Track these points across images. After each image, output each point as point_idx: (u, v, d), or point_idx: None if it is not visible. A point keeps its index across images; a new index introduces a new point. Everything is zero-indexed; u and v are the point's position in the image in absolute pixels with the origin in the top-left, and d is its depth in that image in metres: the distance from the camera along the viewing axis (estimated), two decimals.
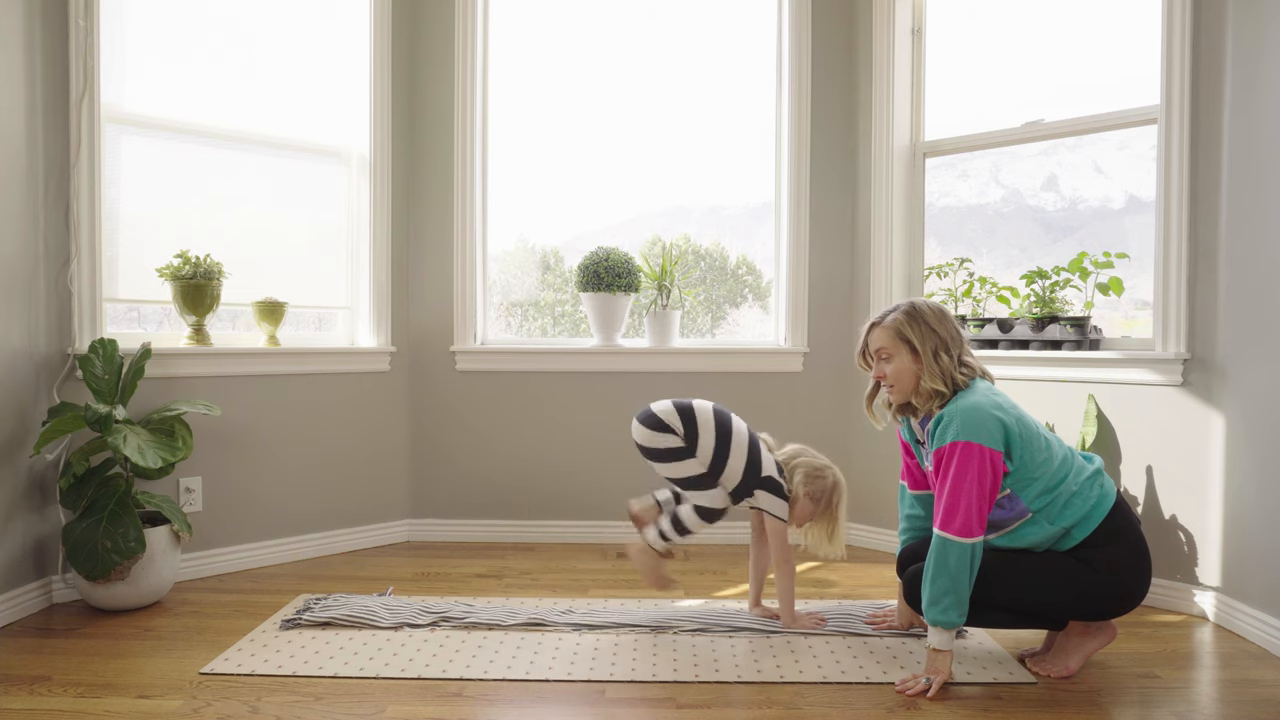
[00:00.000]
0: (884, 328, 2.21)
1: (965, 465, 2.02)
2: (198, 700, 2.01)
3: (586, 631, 2.46)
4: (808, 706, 2.01)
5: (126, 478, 2.68)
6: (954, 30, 3.40)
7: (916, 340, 2.15)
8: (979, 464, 2.01)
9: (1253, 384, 2.47)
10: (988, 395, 2.10)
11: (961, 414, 2.05)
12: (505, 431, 3.57)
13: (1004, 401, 2.12)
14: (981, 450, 2.01)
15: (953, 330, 2.19)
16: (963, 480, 2.01)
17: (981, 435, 2.02)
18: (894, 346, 2.18)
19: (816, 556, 3.00)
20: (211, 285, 2.98)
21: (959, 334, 2.20)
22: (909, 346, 2.16)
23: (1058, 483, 2.09)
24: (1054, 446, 2.13)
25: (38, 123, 2.65)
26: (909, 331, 2.16)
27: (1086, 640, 2.19)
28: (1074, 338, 2.95)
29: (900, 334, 2.17)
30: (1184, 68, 2.65)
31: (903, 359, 2.17)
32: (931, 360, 2.13)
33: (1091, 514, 2.09)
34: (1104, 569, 2.08)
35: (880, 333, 2.21)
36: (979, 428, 2.03)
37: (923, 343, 2.14)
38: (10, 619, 2.52)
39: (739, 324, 3.88)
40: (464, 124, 3.53)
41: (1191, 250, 2.66)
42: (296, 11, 3.32)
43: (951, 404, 2.10)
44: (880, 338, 2.21)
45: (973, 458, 2.01)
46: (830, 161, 3.54)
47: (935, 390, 2.13)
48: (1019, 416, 2.11)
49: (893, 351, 2.18)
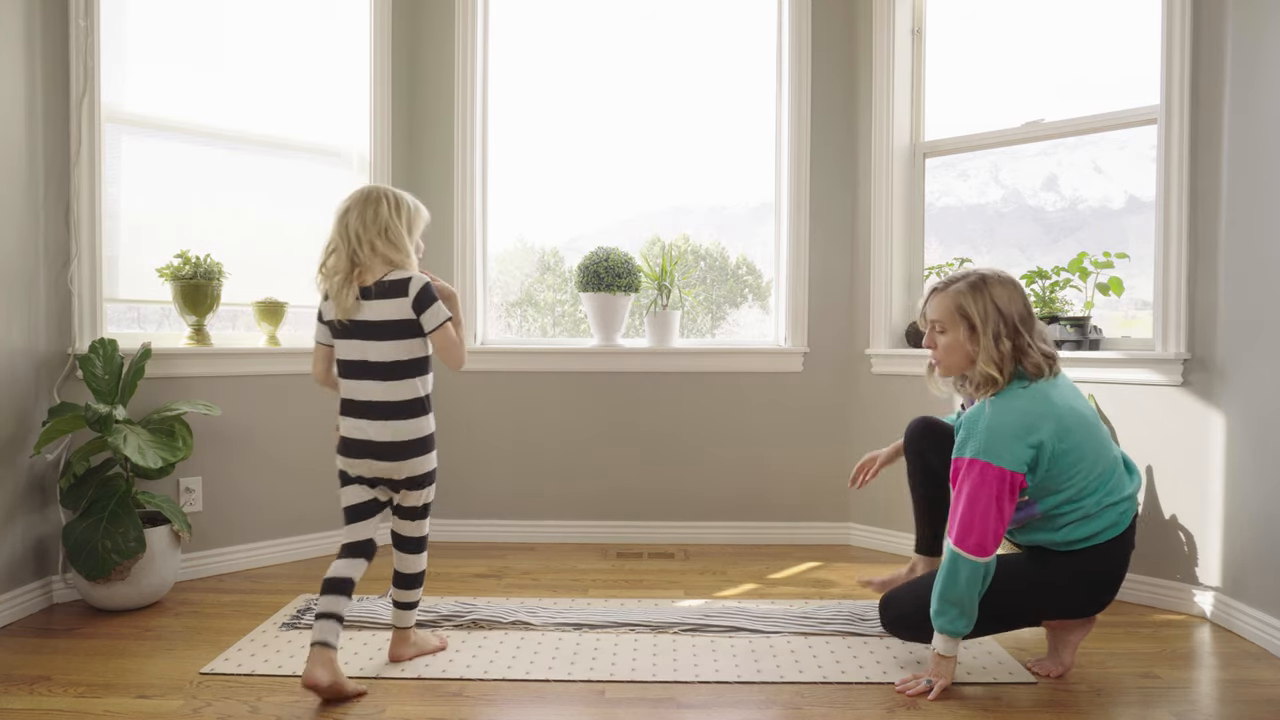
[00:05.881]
0: (944, 295, 2.02)
1: (982, 485, 1.92)
2: (198, 700, 2.01)
3: (586, 631, 2.46)
4: (808, 706, 2.01)
5: (126, 478, 2.68)
6: (954, 30, 3.40)
7: (978, 317, 1.96)
8: (998, 487, 1.91)
9: (1253, 384, 2.47)
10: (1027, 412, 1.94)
11: (986, 432, 1.92)
12: (505, 431, 3.57)
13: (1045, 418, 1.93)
14: (1001, 474, 1.90)
15: (1023, 311, 1.98)
16: (978, 500, 1.92)
17: (1005, 458, 1.90)
18: (950, 320, 2.01)
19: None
20: (211, 285, 2.98)
21: (1030, 315, 1.99)
22: (967, 323, 1.98)
23: (1081, 497, 1.99)
24: (1097, 459, 1.99)
25: (38, 123, 2.65)
26: (970, 306, 1.97)
27: (1069, 633, 2.18)
28: (1074, 338, 2.95)
29: (961, 308, 1.98)
30: (1184, 68, 2.65)
31: (958, 335, 2.00)
32: (991, 343, 1.95)
33: (1097, 537, 2.02)
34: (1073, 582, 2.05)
35: (939, 301, 2.02)
36: (1004, 450, 1.91)
37: (984, 321, 1.96)
38: (10, 619, 2.52)
39: (739, 324, 3.88)
40: (464, 124, 3.53)
41: (1191, 250, 2.66)
42: (297, 12, 3.32)
43: (983, 408, 1.96)
44: (938, 307, 2.03)
45: (991, 480, 1.91)
46: (830, 161, 3.54)
47: (989, 376, 1.96)
48: (1063, 432, 1.94)
49: (948, 325, 2.01)
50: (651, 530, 3.55)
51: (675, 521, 3.56)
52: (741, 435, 3.56)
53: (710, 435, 3.56)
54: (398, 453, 2.08)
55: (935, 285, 2.07)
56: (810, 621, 2.52)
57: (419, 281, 2.06)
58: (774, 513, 3.55)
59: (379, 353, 2.06)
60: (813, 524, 3.55)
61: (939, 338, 2.06)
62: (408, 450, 2.09)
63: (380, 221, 2.04)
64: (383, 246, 2.04)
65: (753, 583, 2.99)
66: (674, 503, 3.57)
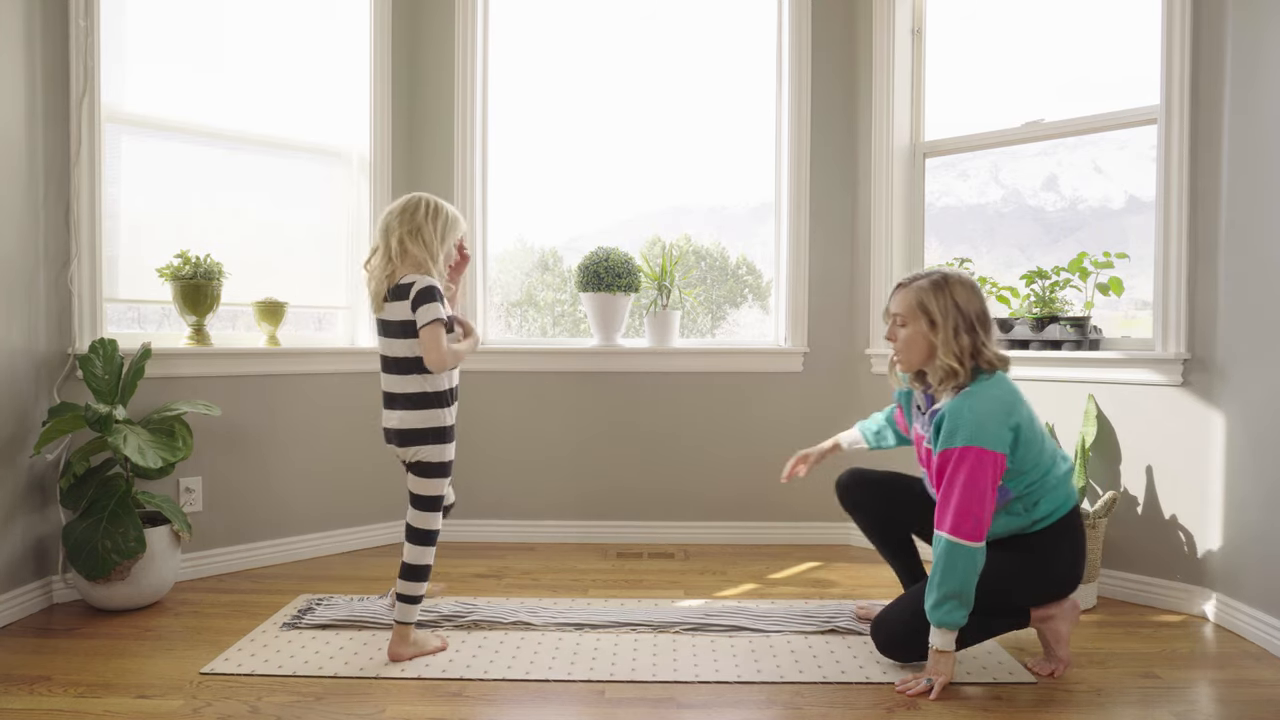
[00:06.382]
0: (908, 291, 2.15)
1: (977, 471, 2.00)
2: (198, 700, 2.01)
3: (587, 631, 2.46)
4: (808, 706, 2.01)
5: (127, 478, 2.68)
6: (954, 30, 3.40)
7: (938, 312, 2.10)
8: (992, 470, 2.01)
9: (1253, 384, 2.47)
10: (1002, 398, 2.06)
11: (973, 420, 2.02)
12: (505, 431, 3.57)
13: (1018, 401, 2.09)
14: (994, 457, 2.01)
15: (980, 311, 2.12)
16: (973, 485, 2.00)
17: (992, 441, 2.01)
18: (911, 315, 2.13)
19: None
20: (211, 285, 2.98)
21: (987, 316, 2.13)
22: (927, 317, 2.11)
23: (1042, 475, 2.12)
24: (1046, 441, 2.16)
25: (38, 123, 2.65)
26: (931, 302, 2.10)
27: (1059, 625, 2.20)
28: (1074, 338, 2.95)
29: (922, 303, 2.12)
30: (1184, 68, 2.65)
31: (919, 327, 2.12)
32: (950, 336, 2.08)
33: (1059, 509, 2.15)
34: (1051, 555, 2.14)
35: (902, 296, 2.16)
36: (991, 435, 2.01)
37: (944, 317, 2.09)
38: (10, 619, 2.52)
39: (739, 324, 3.88)
40: (464, 124, 3.53)
41: (1191, 250, 2.66)
42: (297, 11, 3.32)
43: (963, 400, 2.06)
44: (901, 302, 2.16)
45: (985, 464, 2.00)
46: (830, 161, 3.54)
47: (950, 368, 2.08)
48: (1030, 416, 2.11)
49: (909, 319, 2.14)
50: (651, 530, 3.56)
51: (675, 521, 3.56)
52: (741, 435, 3.56)
53: (710, 435, 3.57)
54: (402, 439, 2.25)
55: (900, 282, 2.20)
56: (810, 621, 2.52)
57: (422, 283, 2.17)
58: (774, 513, 3.55)
59: (392, 349, 2.24)
60: (813, 524, 3.55)
61: (900, 331, 2.17)
62: (410, 438, 2.24)
63: (413, 223, 2.21)
64: (411, 246, 2.19)
65: (753, 583, 2.99)
66: (674, 503, 3.57)
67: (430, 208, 2.24)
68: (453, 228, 2.28)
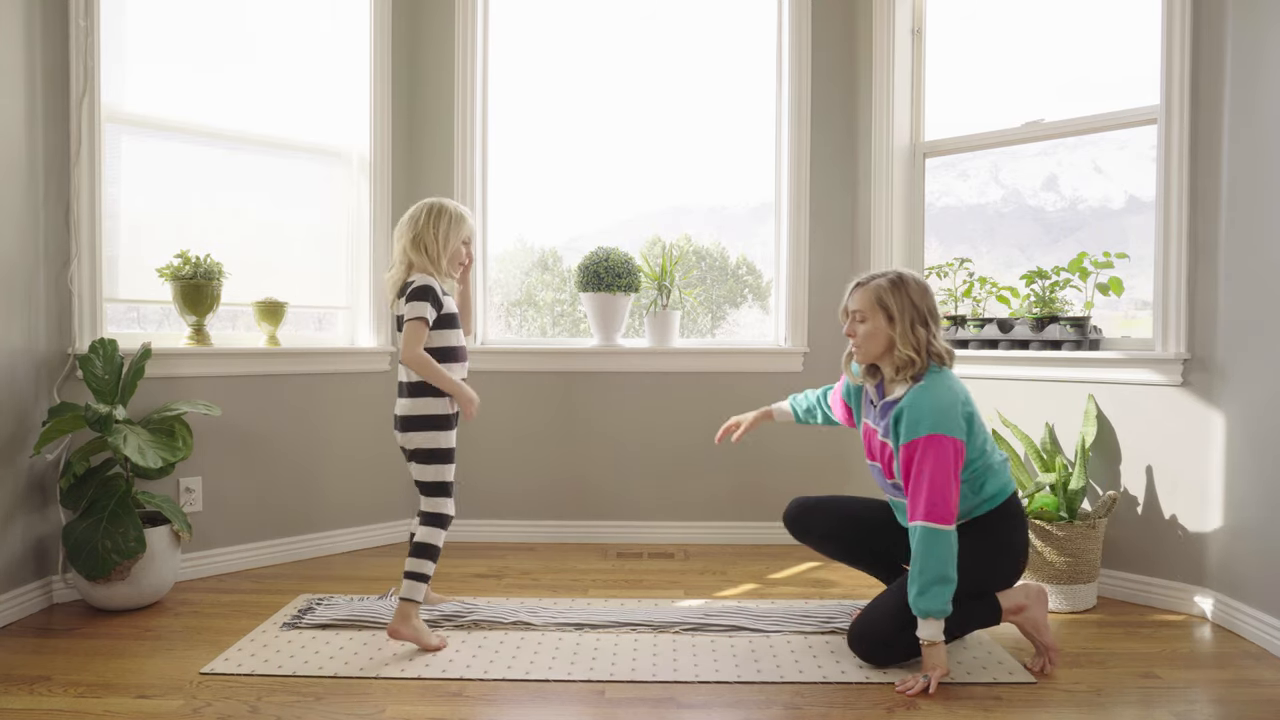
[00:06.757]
0: (867, 289, 2.27)
1: (942, 457, 2.11)
2: (198, 700, 2.01)
3: (586, 631, 2.46)
4: (808, 706, 2.01)
5: (127, 478, 2.68)
6: (954, 30, 3.40)
7: (895, 308, 2.22)
8: (953, 455, 2.12)
9: (1253, 384, 2.47)
10: (955, 389, 2.20)
11: (934, 409, 2.14)
12: (505, 431, 3.57)
13: (966, 392, 2.24)
14: (955, 443, 2.13)
15: (932, 307, 2.27)
16: (940, 472, 2.10)
17: (952, 428, 2.13)
18: (871, 310, 2.25)
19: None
20: (211, 285, 2.98)
21: (937, 313, 2.29)
22: (885, 312, 2.24)
23: (986, 460, 2.25)
24: (986, 429, 2.31)
25: (38, 123, 2.65)
26: (889, 298, 2.23)
27: (1035, 612, 2.24)
28: (1074, 338, 2.95)
29: (880, 300, 2.24)
30: (1184, 68, 2.65)
31: (877, 322, 2.25)
32: (908, 329, 2.22)
33: (1002, 490, 2.27)
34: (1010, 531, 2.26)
35: (861, 294, 2.28)
36: (951, 422, 2.13)
37: (901, 312, 2.22)
38: (10, 619, 2.52)
39: (739, 324, 3.88)
40: (464, 124, 3.53)
41: (1191, 250, 2.66)
42: (297, 11, 3.32)
43: (920, 393, 2.17)
44: (860, 299, 2.28)
45: (947, 450, 2.12)
46: (830, 161, 3.54)
47: (909, 358, 2.21)
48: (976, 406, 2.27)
49: (869, 314, 2.26)
50: (651, 530, 3.56)
51: (675, 521, 3.56)
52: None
53: (710, 435, 3.55)
54: (402, 425, 2.39)
55: (858, 281, 2.32)
56: (810, 621, 2.53)
57: (419, 282, 2.32)
58: (774, 513, 3.54)
59: (399, 343, 2.39)
60: None
61: (859, 326, 2.28)
62: (407, 424, 2.38)
63: (414, 230, 2.36)
64: (413, 253, 2.35)
65: (753, 583, 2.99)
66: (674, 503, 3.57)
67: (431, 213, 2.36)
68: (455, 228, 2.39)
